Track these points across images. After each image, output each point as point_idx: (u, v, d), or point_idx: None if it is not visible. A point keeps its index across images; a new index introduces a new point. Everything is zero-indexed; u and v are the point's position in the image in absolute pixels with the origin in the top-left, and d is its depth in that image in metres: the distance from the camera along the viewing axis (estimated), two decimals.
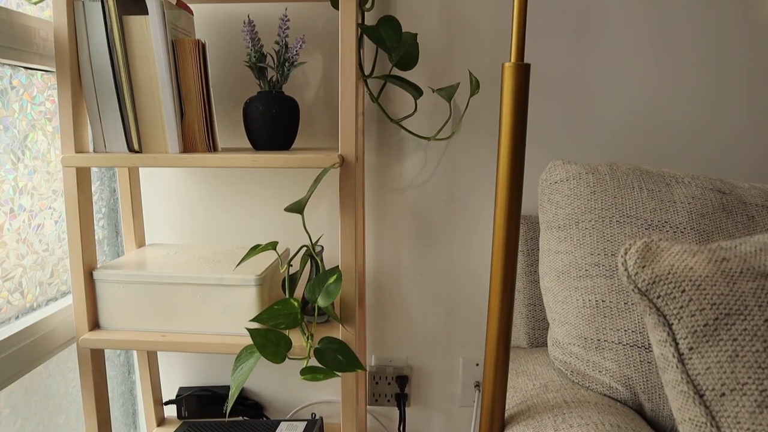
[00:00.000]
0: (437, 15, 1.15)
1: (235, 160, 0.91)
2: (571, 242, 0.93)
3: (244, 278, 0.98)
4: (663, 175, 0.96)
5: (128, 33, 0.94)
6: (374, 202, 1.22)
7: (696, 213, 0.90)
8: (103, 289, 1.01)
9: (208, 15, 1.19)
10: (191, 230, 1.27)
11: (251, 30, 0.99)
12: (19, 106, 0.99)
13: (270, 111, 0.98)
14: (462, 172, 1.20)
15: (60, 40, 0.95)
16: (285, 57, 0.99)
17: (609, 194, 0.92)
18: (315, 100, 1.20)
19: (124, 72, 0.95)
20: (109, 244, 1.25)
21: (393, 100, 1.18)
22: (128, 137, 0.97)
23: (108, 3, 0.93)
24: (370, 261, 1.25)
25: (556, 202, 0.96)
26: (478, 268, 1.24)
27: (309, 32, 1.18)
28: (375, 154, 1.20)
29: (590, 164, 0.97)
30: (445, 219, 1.22)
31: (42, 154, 1.04)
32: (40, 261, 1.04)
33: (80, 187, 0.98)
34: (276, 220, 1.25)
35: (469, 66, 1.16)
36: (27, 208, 1.00)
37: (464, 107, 1.17)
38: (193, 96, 0.97)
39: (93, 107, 0.99)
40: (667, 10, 1.13)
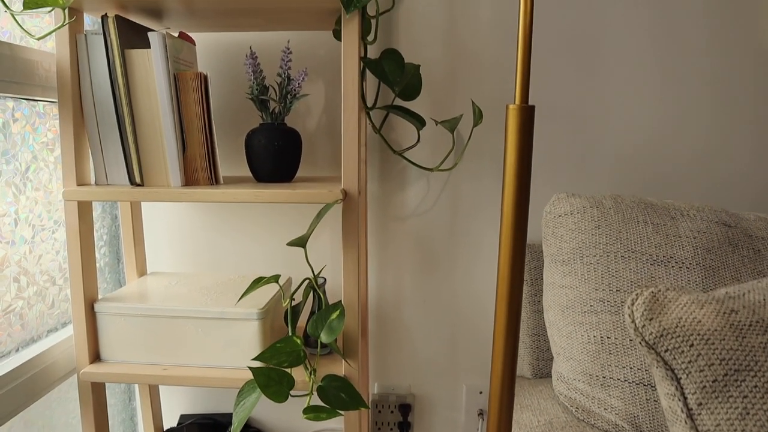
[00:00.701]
0: (440, 45, 1.15)
1: (238, 195, 0.91)
2: (575, 277, 0.92)
3: (246, 312, 0.97)
4: (668, 208, 0.95)
5: (130, 66, 0.94)
6: (377, 231, 1.22)
7: (701, 248, 0.89)
8: (105, 322, 1.00)
9: (211, 43, 1.19)
10: (193, 257, 1.27)
11: (253, 62, 0.99)
12: (21, 138, 0.99)
13: (272, 144, 0.97)
14: (465, 200, 1.19)
15: (62, 73, 0.94)
16: (287, 89, 0.99)
17: (614, 228, 0.92)
18: (317, 128, 1.19)
19: (126, 105, 0.95)
20: (111, 271, 1.24)
21: (396, 128, 1.18)
22: (130, 169, 0.97)
23: (110, 37, 0.93)
24: (372, 289, 1.24)
25: (560, 236, 0.95)
26: (481, 296, 1.23)
27: (311, 60, 1.17)
28: (378, 183, 1.20)
29: (594, 197, 0.96)
30: (447, 247, 1.21)
31: (43, 184, 1.04)
32: (41, 292, 1.04)
33: (81, 219, 0.97)
34: (277, 247, 1.24)
35: (471, 94, 1.16)
36: (28, 239, 1.00)
37: (467, 137, 1.16)
38: (195, 129, 0.96)
39: (95, 139, 0.99)
40: (671, 39, 1.13)
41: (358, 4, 0.82)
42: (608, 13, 1.13)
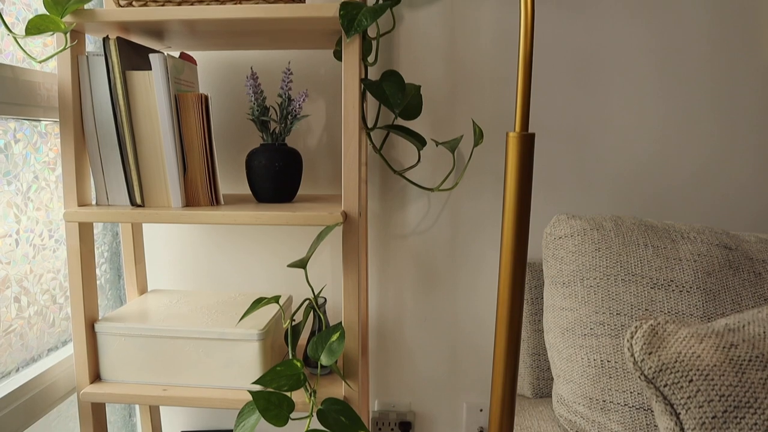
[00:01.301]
0: (441, 64, 1.15)
1: (238, 217, 0.91)
2: (575, 299, 0.92)
3: (246, 333, 0.97)
4: (668, 230, 0.95)
5: (131, 88, 0.94)
6: (378, 249, 1.22)
7: (702, 271, 0.89)
8: (105, 342, 1.01)
9: (212, 62, 1.19)
10: (193, 275, 1.27)
11: (254, 83, 0.99)
12: (22, 158, 0.99)
13: (273, 164, 0.98)
14: (465, 218, 1.19)
15: (64, 94, 0.95)
16: (288, 110, 0.99)
17: (614, 251, 0.92)
18: (318, 146, 1.20)
19: (127, 126, 0.95)
20: (112, 288, 1.25)
21: (396, 146, 1.18)
22: (131, 190, 0.97)
23: (112, 58, 0.93)
24: (373, 306, 1.24)
25: (560, 258, 0.95)
26: (482, 314, 1.23)
27: (312, 78, 1.18)
28: (378, 201, 1.20)
29: (595, 219, 0.96)
30: (448, 265, 1.21)
31: (45, 204, 1.04)
32: (42, 311, 1.04)
33: (82, 240, 0.97)
34: (278, 264, 1.24)
35: (472, 113, 1.16)
36: (29, 258, 1.00)
37: (468, 157, 1.16)
38: (196, 150, 0.97)
39: (96, 160, 0.99)
40: (671, 58, 1.13)
41: (358, 28, 0.83)
42: (608, 32, 1.13)
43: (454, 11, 1.14)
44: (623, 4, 1.12)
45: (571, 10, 1.13)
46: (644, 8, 1.12)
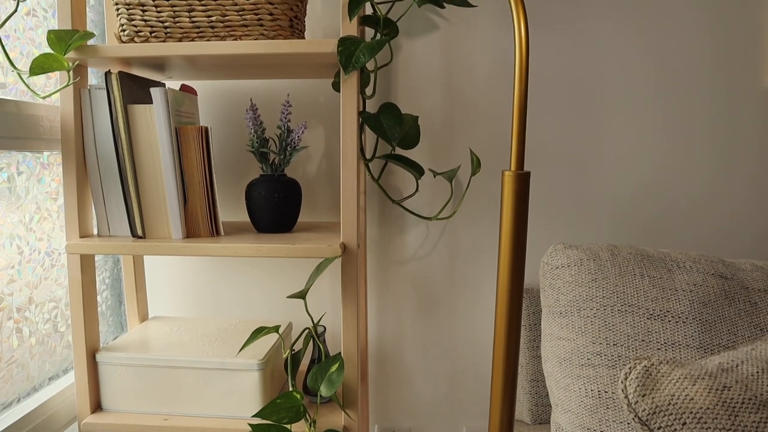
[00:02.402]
0: (438, 93, 1.16)
1: (238, 249, 0.92)
2: (572, 329, 0.93)
3: (246, 363, 0.98)
4: (664, 259, 0.96)
5: (133, 121, 0.96)
6: (377, 275, 1.23)
7: (698, 302, 0.90)
8: (106, 372, 1.01)
9: (212, 91, 1.21)
10: (193, 301, 1.28)
11: (254, 116, 1.01)
12: (25, 191, 1.00)
13: (272, 196, 0.99)
14: (463, 244, 1.20)
15: (66, 127, 0.96)
16: (287, 141, 1.00)
17: (610, 282, 0.92)
18: (317, 173, 1.21)
19: (129, 158, 0.96)
20: (113, 314, 1.25)
21: (395, 173, 1.19)
22: (132, 222, 0.98)
23: (114, 93, 0.94)
24: (372, 331, 1.25)
25: (557, 288, 0.96)
26: (481, 339, 1.24)
27: (311, 106, 1.19)
28: (377, 228, 1.21)
29: (591, 249, 0.97)
30: (447, 291, 1.22)
31: (47, 234, 1.05)
32: (43, 340, 1.05)
33: (84, 271, 0.98)
34: (278, 291, 1.25)
35: (469, 140, 1.17)
36: (32, 287, 1.01)
37: (466, 184, 1.18)
38: (196, 182, 0.98)
39: (97, 191, 1.00)
40: (668, 87, 1.14)
41: (356, 65, 0.84)
42: (605, 59, 1.14)
43: (450, 40, 1.15)
44: (621, 32, 1.13)
45: (568, 37, 1.14)
46: (642, 36, 1.13)
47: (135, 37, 0.93)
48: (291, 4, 0.92)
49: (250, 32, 0.91)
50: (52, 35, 0.89)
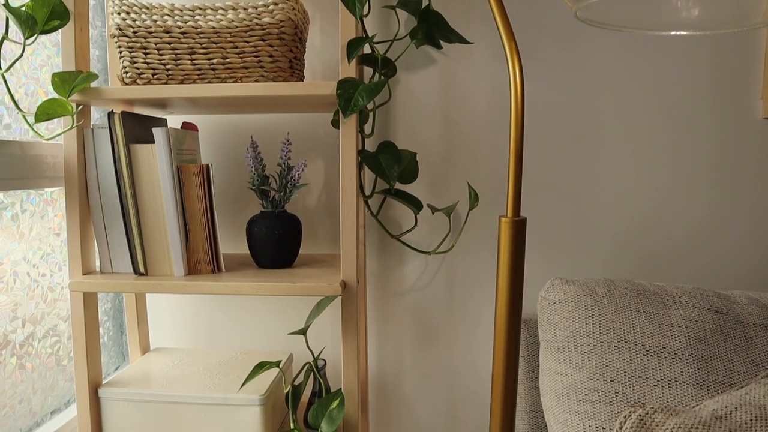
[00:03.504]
0: (436, 125, 1.18)
1: (239, 288, 0.93)
2: (570, 365, 0.94)
3: (248, 398, 0.99)
4: (660, 294, 0.97)
5: (135, 160, 0.97)
6: (376, 306, 1.24)
7: (694, 337, 0.91)
8: (109, 407, 1.02)
9: (213, 125, 1.22)
10: (194, 331, 1.28)
11: (254, 154, 1.02)
12: (29, 228, 1.01)
13: (273, 232, 1.00)
14: (462, 275, 1.21)
15: (69, 166, 0.97)
16: (287, 179, 1.01)
17: (607, 318, 0.94)
18: (317, 206, 1.22)
19: (131, 196, 0.97)
20: (114, 345, 1.26)
21: (394, 206, 1.20)
22: (134, 259, 0.99)
23: (116, 132, 0.96)
24: (372, 361, 1.26)
25: (555, 323, 0.97)
26: (480, 368, 1.24)
27: (311, 140, 1.21)
28: (376, 260, 1.22)
29: (588, 284, 0.98)
30: (446, 321, 1.23)
31: (49, 268, 1.06)
32: (45, 375, 1.06)
33: (87, 307, 1.00)
34: (278, 321, 1.26)
35: (468, 173, 1.19)
36: (35, 321, 1.02)
37: (464, 218, 1.19)
38: (198, 219, 0.99)
39: (100, 229, 1.02)
40: (665, 119, 1.16)
41: (355, 108, 0.86)
42: (602, 91, 1.16)
43: (448, 74, 1.17)
44: (617, 63, 1.15)
45: (563, 69, 1.16)
46: (638, 68, 1.15)
47: (137, 79, 0.94)
48: (290, 45, 0.94)
49: (251, 74, 0.93)
50: (57, 78, 0.91)
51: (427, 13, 0.99)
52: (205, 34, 0.91)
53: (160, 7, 0.92)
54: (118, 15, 0.92)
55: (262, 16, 0.91)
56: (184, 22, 0.91)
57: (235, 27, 0.91)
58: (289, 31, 0.92)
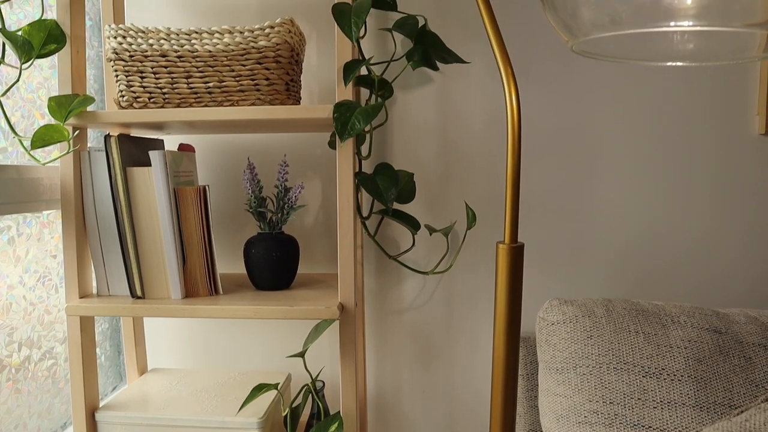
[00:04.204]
0: (433, 144, 1.18)
1: (237, 311, 0.93)
2: (569, 386, 0.94)
3: (246, 421, 0.98)
4: (659, 314, 0.97)
5: (132, 183, 0.97)
6: (374, 324, 1.23)
7: (692, 358, 0.91)
8: (106, 431, 1.01)
9: (210, 144, 1.22)
10: (192, 350, 1.28)
11: (251, 176, 1.02)
12: (25, 251, 1.01)
13: (270, 255, 1.00)
14: (460, 293, 1.21)
15: (66, 189, 0.97)
16: (284, 201, 1.01)
17: (605, 339, 0.93)
18: (314, 224, 1.22)
19: (128, 219, 0.97)
20: (112, 365, 1.26)
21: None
22: (131, 281, 0.99)
23: (113, 156, 0.96)
24: (371, 380, 1.25)
25: (553, 344, 0.97)
26: (480, 386, 1.24)
27: (308, 158, 1.21)
28: (374, 279, 1.22)
29: (586, 304, 0.98)
30: (445, 339, 1.23)
31: (46, 291, 1.06)
32: (42, 398, 1.05)
33: (83, 331, 0.99)
34: (276, 341, 1.26)
35: (465, 191, 1.19)
36: (34, 342, 1.01)
37: (462, 237, 1.19)
38: (195, 242, 0.99)
39: (97, 252, 1.01)
40: (661, 137, 1.16)
41: (351, 132, 0.86)
42: (599, 110, 1.16)
43: (445, 92, 1.17)
44: (614, 81, 1.15)
45: (560, 88, 1.16)
46: (635, 85, 1.15)
47: (134, 103, 0.94)
48: (287, 68, 0.94)
49: (247, 97, 0.93)
50: (53, 102, 0.90)
51: (423, 35, 0.99)
52: (202, 57, 0.91)
53: (157, 32, 0.92)
54: (115, 39, 0.92)
55: (259, 39, 0.91)
56: (180, 46, 0.91)
57: (232, 51, 0.91)
58: (285, 54, 0.92)
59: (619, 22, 0.45)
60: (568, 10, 0.52)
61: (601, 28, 0.48)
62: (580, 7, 0.50)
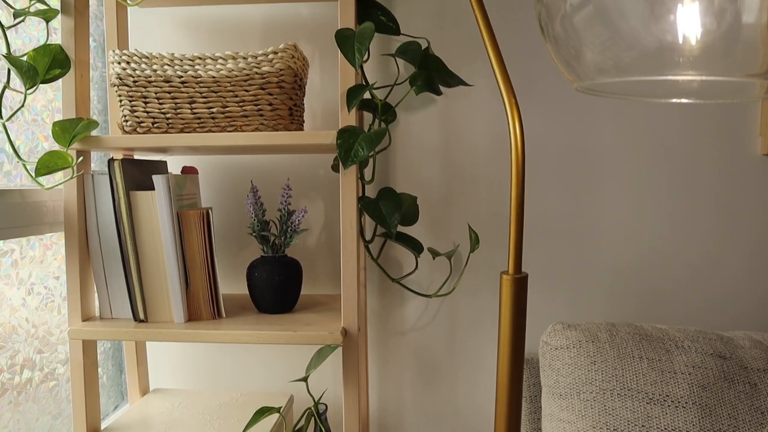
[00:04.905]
0: (436, 166, 1.18)
1: (240, 336, 0.93)
2: (573, 412, 0.93)
3: None
4: (663, 339, 0.97)
5: (135, 207, 0.97)
6: (377, 345, 1.23)
7: (697, 385, 0.90)
8: None
9: (213, 165, 1.22)
10: (194, 370, 1.28)
11: (254, 200, 1.02)
12: (28, 274, 1.01)
13: (273, 278, 1.00)
14: (463, 314, 1.21)
15: (69, 212, 0.97)
16: (287, 225, 1.01)
17: (609, 365, 0.93)
18: (317, 245, 1.22)
19: (131, 243, 0.97)
20: (114, 385, 1.26)
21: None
22: (133, 305, 0.99)
23: (116, 180, 0.96)
24: (374, 401, 1.25)
25: (557, 369, 0.97)
26: (483, 407, 1.23)
27: (311, 179, 1.21)
28: (377, 299, 1.22)
29: (590, 329, 0.98)
30: (448, 361, 1.22)
31: (48, 312, 1.06)
32: (43, 419, 1.05)
33: (86, 354, 0.99)
34: (278, 361, 1.26)
35: (468, 212, 1.19)
36: (36, 364, 1.01)
37: (465, 260, 1.19)
38: (198, 265, 0.99)
39: (100, 274, 1.01)
40: (664, 159, 1.16)
41: (355, 159, 0.86)
42: (602, 131, 1.16)
43: (448, 114, 1.17)
44: (617, 102, 1.15)
45: (563, 109, 1.16)
46: (638, 106, 1.15)
47: (137, 128, 0.95)
48: (290, 93, 0.94)
49: (250, 122, 0.93)
50: (57, 127, 0.91)
51: (426, 59, 1.00)
52: (205, 83, 0.92)
53: (160, 57, 0.92)
54: (118, 65, 0.93)
55: (262, 65, 0.91)
56: (183, 71, 0.92)
57: (235, 76, 0.91)
58: (288, 80, 0.92)
59: (623, 68, 0.45)
60: (571, 50, 0.52)
61: (605, 73, 0.48)
62: (583, 49, 0.51)
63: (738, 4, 0.45)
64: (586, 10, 0.49)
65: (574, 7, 0.50)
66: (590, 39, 0.49)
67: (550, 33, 0.55)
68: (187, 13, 1.21)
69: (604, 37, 0.47)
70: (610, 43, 0.47)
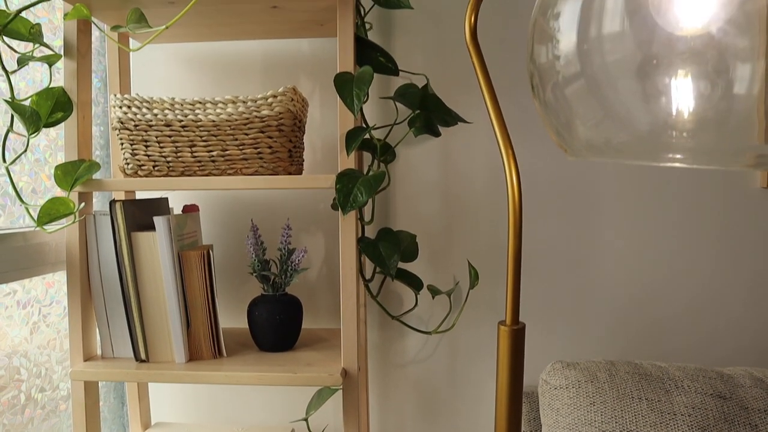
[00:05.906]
0: (436, 200, 1.19)
1: (241, 378, 0.93)
2: None
3: None
4: (662, 378, 0.97)
5: (136, 248, 0.98)
6: (377, 378, 1.23)
7: (697, 427, 0.90)
8: None
9: (214, 199, 1.23)
10: (194, 403, 1.28)
11: (255, 240, 1.03)
12: (29, 312, 1.02)
13: (274, 317, 1.00)
14: (464, 348, 1.21)
15: (71, 253, 0.98)
16: (287, 264, 1.02)
17: (609, 406, 0.93)
18: (318, 278, 1.23)
19: (132, 283, 0.98)
20: (115, 418, 1.26)
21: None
22: (135, 344, 1.00)
23: (117, 221, 0.97)
24: None
25: (556, 409, 0.97)
26: None
27: (311, 214, 1.21)
28: (377, 332, 1.22)
29: (589, 368, 0.98)
30: (448, 393, 1.23)
31: (49, 350, 1.07)
32: None
33: (87, 394, 1.00)
34: (277, 394, 1.26)
35: (467, 246, 1.19)
36: (39, 403, 1.02)
37: (465, 295, 1.19)
38: (199, 305, 0.99)
39: (101, 314, 1.02)
40: (663, 190, 1.16)
41: (354, 205, 0.86)
42: (600, 166, 1.16)
43: (448, 148, 1.18)
44: None
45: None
46: None
47: (138, 171, 0.96)
48: (290, 136, 0.95)
49: (250, 165, 0.94)
50: (59, 171, 0.92)
51: (425, 99, 1.00)
52: (205, 127, 0.93)
53: (161, 102, 0.93)
54: (120, 109, 0.94)
55: (261, 108, 0.92)
56: (184, 115, 0.93)
57: (235, 120, 0.92)
58: (288, 123, 0.93)
59: (616, 148, 0.46)
60: (561, 119, 0.53)
61: (597, 150, 0.48)
62: (575, 121, 0.51)
63: (730, 75, 0.45)
64: (578, 84, 0.50)
65: (567, 78, 0.51)
66: (582, 113, 0.49)
67: (542, 97, 0.56)
68: (189, 49, 1.22)
69: (597, 114, 0.48)
70: (602, 119, 0.48)
